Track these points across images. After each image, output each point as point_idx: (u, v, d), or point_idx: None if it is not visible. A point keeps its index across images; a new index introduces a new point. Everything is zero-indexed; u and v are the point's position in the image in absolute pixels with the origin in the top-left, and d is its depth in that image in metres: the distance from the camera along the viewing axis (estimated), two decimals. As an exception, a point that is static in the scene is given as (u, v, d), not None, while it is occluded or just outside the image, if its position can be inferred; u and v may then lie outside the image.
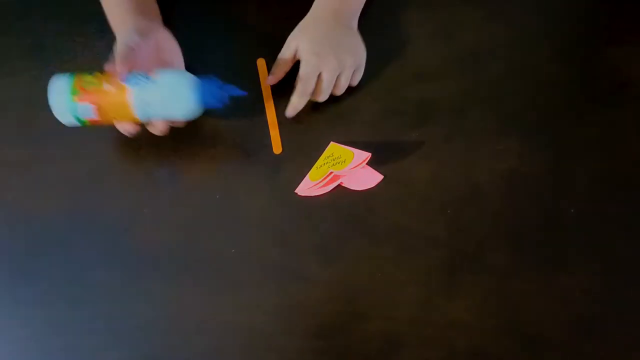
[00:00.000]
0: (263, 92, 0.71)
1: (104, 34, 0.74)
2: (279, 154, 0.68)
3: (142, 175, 0.67)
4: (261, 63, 0.72)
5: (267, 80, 0.70)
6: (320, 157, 0.67)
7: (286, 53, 0.69)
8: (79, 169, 0.67)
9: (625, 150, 0.69)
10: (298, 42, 0.68)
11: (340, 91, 0.69)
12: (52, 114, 0.70)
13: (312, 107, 0.70)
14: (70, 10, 0.77)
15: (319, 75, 0.67)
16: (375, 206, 0.65)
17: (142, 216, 0.64)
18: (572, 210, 0.65)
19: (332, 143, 0.67)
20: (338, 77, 0.68)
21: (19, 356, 0.59)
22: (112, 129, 0.69)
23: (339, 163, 0.65)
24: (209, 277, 0.62)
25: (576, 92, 0.73)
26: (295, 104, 0.68)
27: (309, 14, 0.71)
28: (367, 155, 0.63)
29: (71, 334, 0.59)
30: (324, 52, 0.66)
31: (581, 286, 0.62)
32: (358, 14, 0.72)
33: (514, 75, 0.74)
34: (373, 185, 0.65)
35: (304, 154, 0.67)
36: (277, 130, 0.69)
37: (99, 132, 0.69)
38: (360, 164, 0.63)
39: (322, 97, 0.68)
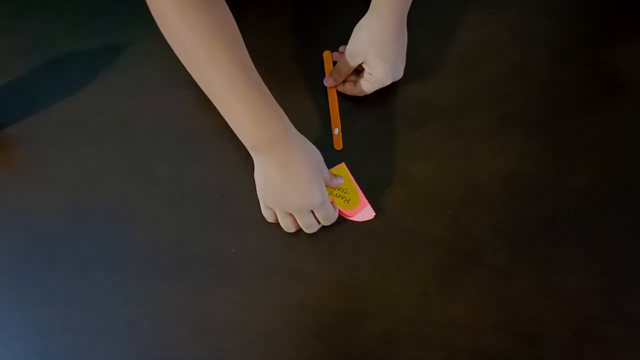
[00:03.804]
0: (328, 90, 0.71)
1: (105, 32, 0.74)
2: (339, 150, 0.68)
3: (142, 175, 0.67)
4: (327, 55, 0.72)
5: (326, 81, 0.70)
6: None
7: (350, 62, 0.68)
8: (79, 169, 0.67)
9: (625, 150, 0.69)
10: (368, 57, 0.67)
11: None
12: (51, 113, 0.70)
13: (314, 106, 0.70)
14: (71, 8, 0.77)
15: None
16: (376, 206, 0.65)
17: (142, 216, 0.64)
18: (572, 210, 0.66)
19: (342, 165, 0.67)
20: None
21: (19, 356, 0.58)
22: (113, 129, 0.69)
23: (342, 198, 0.64)
24: (209, 277, 0.62)
25: (576, 92, 0.73)
26: (350, 92, 0.70)
27: (373, 16, 0.67)
28: (372, 214, 0.64)
29: (71, 334, 0.59)
30: (398, 71, 0.68)
31: (581, 286, 0.62)
32: None
33: (514, 75, 0.74)
34: (365, 220, 0.65)
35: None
36: (339, 126, 0.69)
37: (98, 133, 0.69)
38: (362, 220, 0.64)
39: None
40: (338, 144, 0.68)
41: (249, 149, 0.61)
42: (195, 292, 0.61)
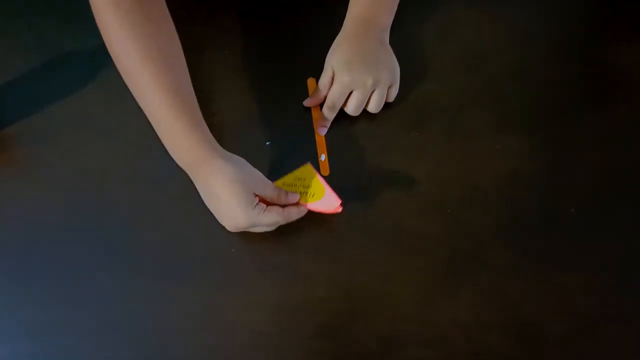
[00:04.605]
0: (312, 114, 0.70)
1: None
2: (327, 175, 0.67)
3: (141, 175, 0.67)
4: (311, 82, 0.72)
5: (305, 101, 0.70)
6: (290, 175, 0.64)
7: (324, 77, 0.69)
8: (79, 169, 0.67)
9: (625, 150, 0.69)
10: (332, 62, 0.68)
11: (377, 108, 0.69)
12: (51, 113, 0.70)
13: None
14: (71, 8, 0.77)
15: (351, 92, 0.67)
16: (376, 206, 0.65)
17: (142, 216, 0.64)
18: (572, 210, 0.66)
19: (308, 165, 0.65)
20: (372, 94, 0.68)
21: (19, 356, 0.58)
22: (113, 129, 0.69)
23: (306, 194, 0.62)
24: (209, 277, 0.62)
25: (576, 92, 0.73)
26: (324, 116, 0.68)
27: (340, 33, 0.70)
28: (338, 204, 0.62)
29: (71, 334, 0.59)
30: (357, 70, 0.66)
31: (581, 286, 0.62)
32: (389, 28, 0.71)
33: (514, 75, 0.74)
34: (328, 209, 0.62)
35: (300, 148, 0.68)
36: (325, 152, 0.68)
37: (98, 132, 0.69)
38: (329, 212, 0.62)
39: (354, 113, 0.69)
40: (325, 170, 0.67)
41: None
42: (195, 292, 0.61)
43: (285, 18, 0.78)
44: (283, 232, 0.63)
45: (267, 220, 0.59)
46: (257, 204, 0.58)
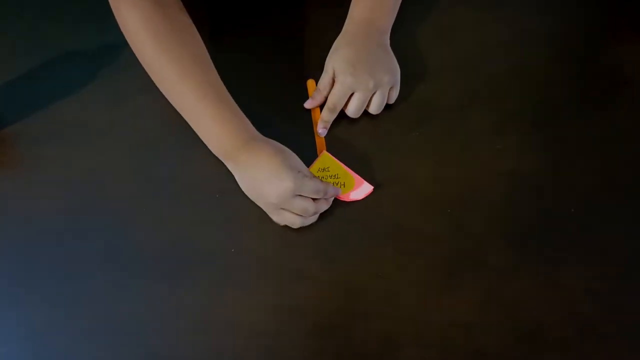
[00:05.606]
0: (312, 115, 0.71)
1: (105, 32, 0.74)
2: None
3: (142, 175, 0.67)
4: (311, 84, 0.72)
5: (305, 103, 0.70)
6: (313, 166, 0.66)
7: (325, 78, 0.69)
8: (79, 169, 0.67)
9: (625, 150, 0.69)
10: (333, 63, 0.68)
11: (378, 109, 0.69)
12: (51, 113, 0.70)
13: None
14: (71, 8, 0.77)
15: (352, 94, 0.67)
16: (375, 206, 0.65)
17: (142, 216, 0.64)
18: (572, 210, 0.65)
19: (325, 153, 0.67)
20: (374, 95, 0.68)
21: (19, 356, 0.58)
22: (113, 129, 0.69)
23: (337, 184, 0.65)
24: (209, 277, 0.62)
25: (576, 92, 0.73)
26: (325, 118, 0.68)
27: (341, 34, 0.71)
28: (370, 188, 0.65)
29: (71, 334, 0.59)
30: (359, 71, 0.67)
31: (581, 286, 0.62)
32: (389, 31, 0.72)
33: (514, 75, 0.74)
34: (362, 197, 0.65)
35: (300, 149, 0.67)
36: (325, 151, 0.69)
37: (98, 132, 0.69)
38: (362, 197, 0.64)
39: (354, 115, 0.69)
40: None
41: (220, 158, 0.64)
42: (195, 292, 0.61)
43: (284, 19, 0.78)
44: (283, 232, 0.63)
45: (312, 186, 0.60)
46: (300, 171, 0.60)
